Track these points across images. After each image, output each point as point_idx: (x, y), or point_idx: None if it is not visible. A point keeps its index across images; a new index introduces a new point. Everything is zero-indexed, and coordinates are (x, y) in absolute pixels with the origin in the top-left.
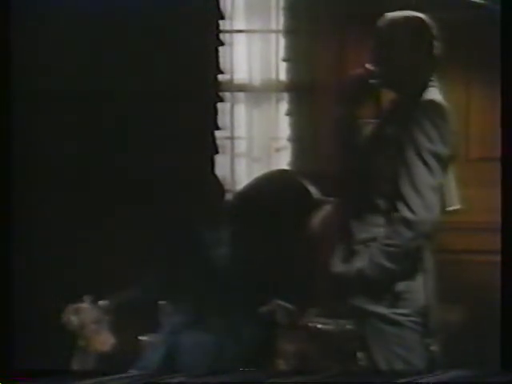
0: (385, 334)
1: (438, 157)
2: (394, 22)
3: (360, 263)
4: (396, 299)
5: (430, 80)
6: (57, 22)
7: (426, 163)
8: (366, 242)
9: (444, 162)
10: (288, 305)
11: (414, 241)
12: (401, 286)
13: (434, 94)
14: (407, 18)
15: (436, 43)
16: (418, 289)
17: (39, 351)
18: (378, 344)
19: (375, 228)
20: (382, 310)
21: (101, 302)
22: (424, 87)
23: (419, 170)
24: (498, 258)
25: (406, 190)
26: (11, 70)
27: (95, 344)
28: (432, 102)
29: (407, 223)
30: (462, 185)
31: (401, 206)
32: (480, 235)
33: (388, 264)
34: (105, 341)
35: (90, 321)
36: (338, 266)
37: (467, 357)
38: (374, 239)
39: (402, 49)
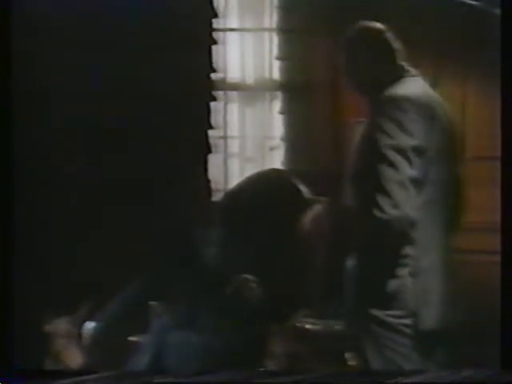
0: (376, 336)
1: (400, 150)
2: (349, 34)
3: (351, 263)
4: (388, 300)
5: (392, 77)
6: (57, 22)
7: (387, 159)
8: (356, 242)
9: (411, 155)
10: (249, 276)
11: (390, 239)
12: (393, 287)
13: (399, 87)
14: (360, 28)
15: (389, 46)
16: (411, 289)
17: (39, 351)
18: (371, 345)
19: (362, 228)
20: (374, 311)
21: (77, 315)
22: (384, 85)
23: (382, 167)
24: (498, 258)
25: (374, 189)
26: (11, 70)
27: (64, 358)
28: (388, 97)
29: (379, 222)
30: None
31: (372, 206)
32: (479, 235)
33: (372, 263)
34: (72, 358)
35: (61, 334)
36: (331, 267)
37: (467, 357)
38: (362, 239)
39: (357, 54)
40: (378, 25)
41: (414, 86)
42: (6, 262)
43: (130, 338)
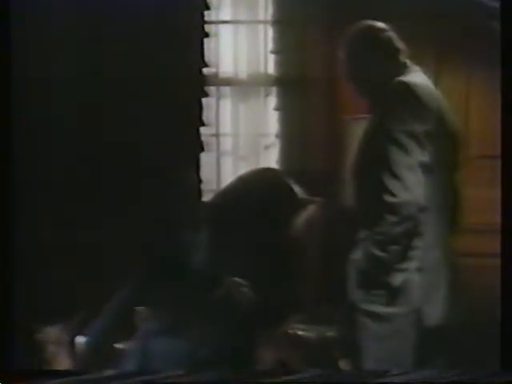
0: (376, 332)
1: (411, 135)
2: (350, 33)
3: (355, 256)
4: (391, 295)
5: (394, 75)
6: (57, 21)
7: (398, 144)
8: (363, 235)
9: (422, 140)
10: (239, 279)
11: (400, 225)
12: (396, 281)
13: (405, 78)
14: (361, 27)
15: (391, 44)
16: (415, 285)
17: (39, 351)
18: (368, 344)
19: (369, 220)
20: (375, 307)
21: (69, 323)
22: (386, 82)
23: (393, 151)
24: (497, 258)
25: (385, 174)
26: (11, 69)
27: (53, 364)
28: (398, 84)
29: (389, 207)
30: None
31: (383, 192)
32: (479, 235)
33: (379, 253)
34: (61, 363)
35: (50, 341)
36: (326, 270)
37: (467, 357)
38: (369, 231)
39: (358, 53)
40: (379, 23)
41: (419, 77)
42: (5, 263)
43: (118, 345)
